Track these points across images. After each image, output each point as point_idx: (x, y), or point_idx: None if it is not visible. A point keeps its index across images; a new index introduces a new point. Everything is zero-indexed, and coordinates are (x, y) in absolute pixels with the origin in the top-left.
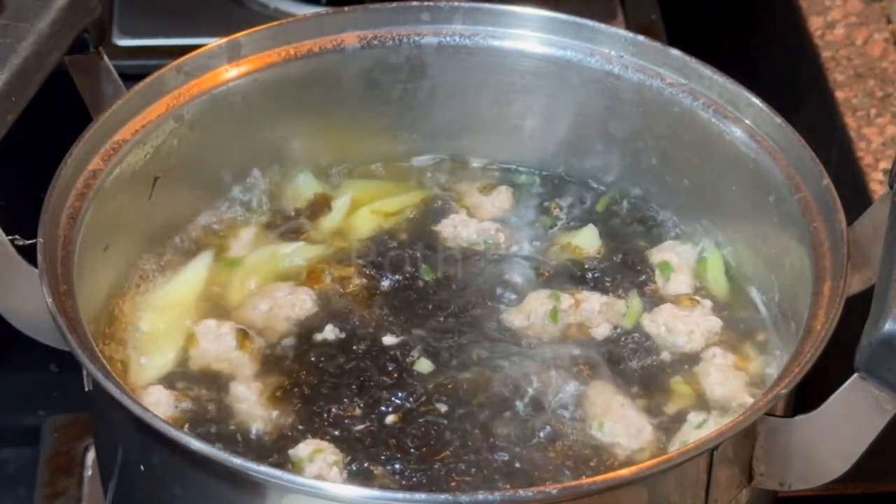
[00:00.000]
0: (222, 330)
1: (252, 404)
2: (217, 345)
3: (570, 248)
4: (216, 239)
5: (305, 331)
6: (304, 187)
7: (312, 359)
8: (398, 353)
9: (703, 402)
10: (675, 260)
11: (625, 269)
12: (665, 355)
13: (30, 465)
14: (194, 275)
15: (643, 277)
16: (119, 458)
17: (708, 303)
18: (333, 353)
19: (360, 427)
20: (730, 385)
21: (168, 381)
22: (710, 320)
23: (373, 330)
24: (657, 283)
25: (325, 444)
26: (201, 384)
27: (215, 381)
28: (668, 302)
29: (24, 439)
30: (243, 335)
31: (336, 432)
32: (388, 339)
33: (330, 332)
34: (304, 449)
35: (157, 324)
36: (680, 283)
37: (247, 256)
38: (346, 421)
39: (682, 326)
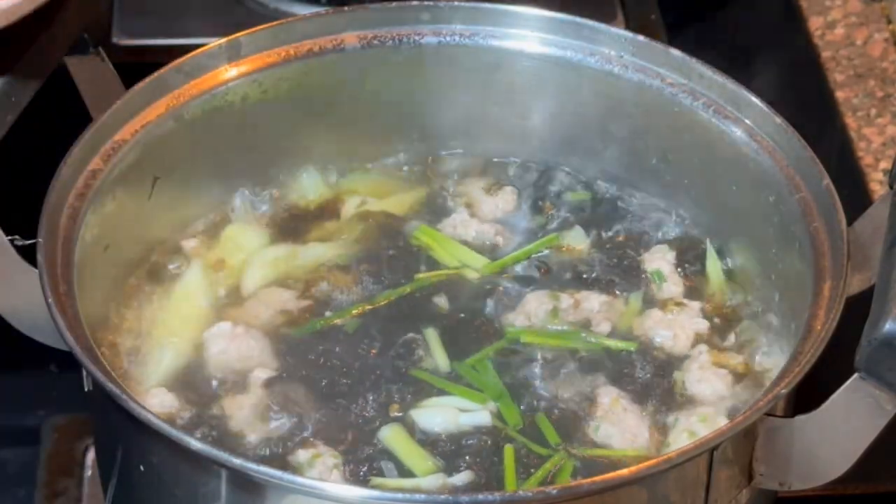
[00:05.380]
0: (227, 332)
1: (254, 407)
2: (220, 347)
3: (563, 247)
4: (217, 240)
5: (308, 333)
6: (305, 188)
7: (315, 361)
8: (401, 354)
9: (695, 404)
10: (666, 267)
11: (623, 268)
12: (658, 358)
13: (30, 465)
14: (195, 276)
15: (642, 277)
16: (119, 458)
17: (696, 304)
18: (336, 355)
19: (365, 429)
20: (723, 386)
21: (169, 382)
22: (696, 322)
23: (375, 331)
24: (653, 284)
25: (324, 448)
26: (203, 386)
27: (217, 384)
28: (660, 304)
29: (24, 439)
30: (248, 338)
31: (341, 435)
32: (392, 341)
33: (332, 335)
34: (303, 454)
35: (157, 324)
36: (675, 289)
37: (248, 258)
38: (351, 424)
39: (666, 331)
